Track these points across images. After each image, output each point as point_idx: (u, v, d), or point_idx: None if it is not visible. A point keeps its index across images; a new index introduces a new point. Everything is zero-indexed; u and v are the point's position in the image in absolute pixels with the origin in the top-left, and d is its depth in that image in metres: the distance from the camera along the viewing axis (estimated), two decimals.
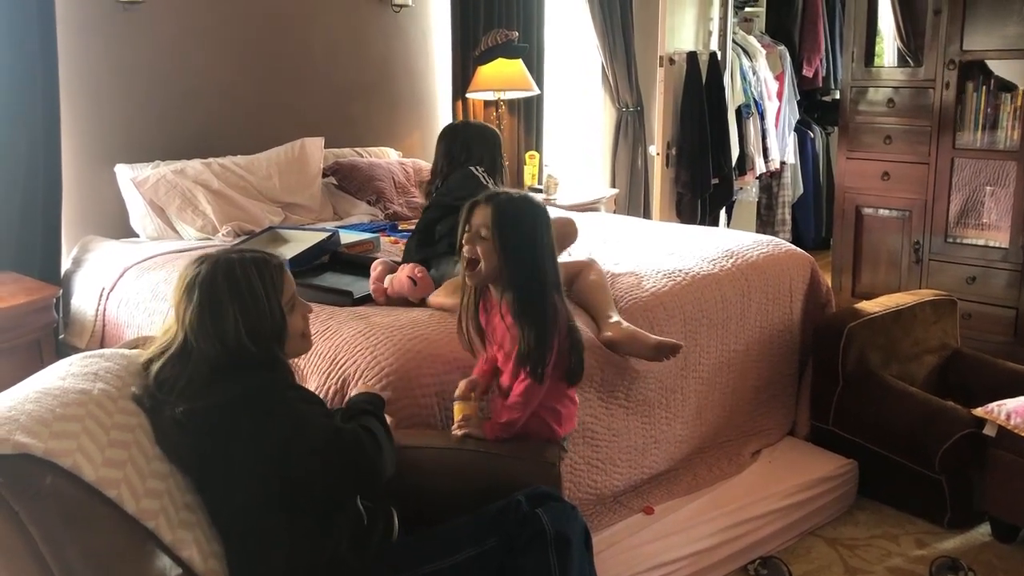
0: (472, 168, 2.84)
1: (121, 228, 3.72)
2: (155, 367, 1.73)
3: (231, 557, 1.71)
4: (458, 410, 2.09)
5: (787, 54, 5.96)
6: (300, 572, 1.68)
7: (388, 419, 1.90)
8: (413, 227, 3.06)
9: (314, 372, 2.32)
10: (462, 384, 2.11)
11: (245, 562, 1.70)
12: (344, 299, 2.70)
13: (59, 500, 1.48)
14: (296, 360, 2.30)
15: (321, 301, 2.67)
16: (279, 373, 1.77)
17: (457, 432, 2.06)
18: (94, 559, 1.49)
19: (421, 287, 2.63)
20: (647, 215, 5.33)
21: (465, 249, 2.05)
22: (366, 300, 2.70)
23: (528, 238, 2.02)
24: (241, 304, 1.69)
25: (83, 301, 3.32)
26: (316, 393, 2.18)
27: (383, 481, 1.76)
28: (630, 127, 5.37)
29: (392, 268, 2.75)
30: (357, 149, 4.44)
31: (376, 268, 2.74)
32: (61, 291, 3.29)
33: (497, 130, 3.18)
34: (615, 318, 2.60)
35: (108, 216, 3.74)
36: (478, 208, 2.05)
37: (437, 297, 2.61)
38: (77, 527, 1.49)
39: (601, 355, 2.55)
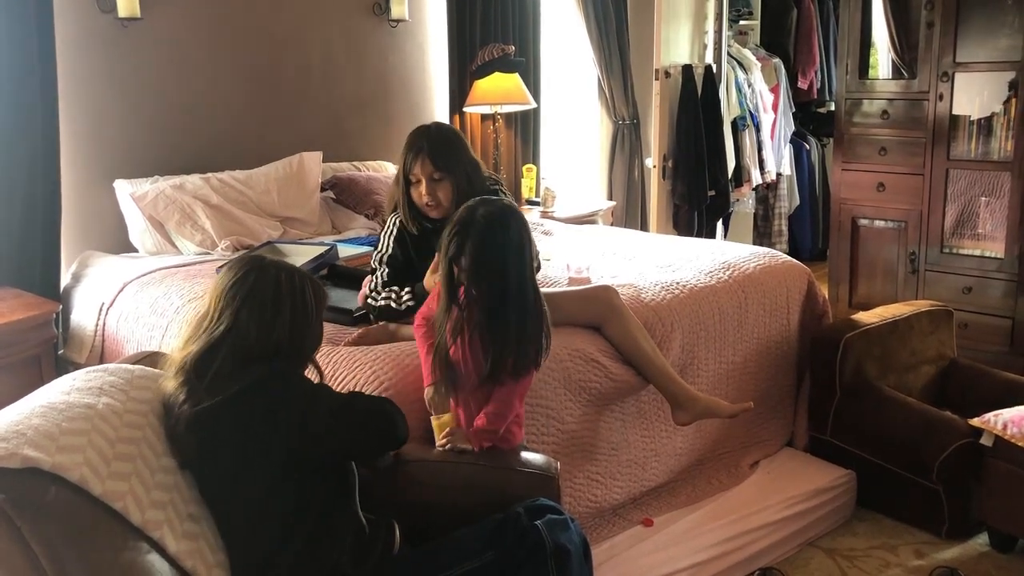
0: (492, 185, 2.70)
1: (120, 243, 3.73)
2: (192, 356, 1.74)
3: (235, 567, 1.72)
4: (439, 426, 2.11)
5: (782, 66, 5.99)
6: None
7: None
8: None
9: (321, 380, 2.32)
10: (428, 395, 2.14)
11: (248, 571, 1.72)
12: (343, 317, 2.71)
13: (62, 514, 1.49)
14: None
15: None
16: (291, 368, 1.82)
17: (443, 445, 2.07)
18: (97, 573, 1.50)
19: None
20: (644, 227, 5.34)
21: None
22: (364, 319, 2.71)
23: (502, 275, 2.06)
24: (293, 308, 1.77)
25: (82, 316, 3.32)
26: None
27: (403, 437, 1.83)
28: (626, 140, 5.40)
29: None
30: (355, 163, 4.45)
31: (367, 283, 2.75)
32: (61, 306, 3.29)
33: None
34: (690, 394, 2.56)
35: (107, 231, 3.75)
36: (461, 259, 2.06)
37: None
38: (80, 541, 1.50)
39: (599, 369, 2.56)
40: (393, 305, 2.54)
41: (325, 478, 1.77)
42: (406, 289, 2.55)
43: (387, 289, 2.57)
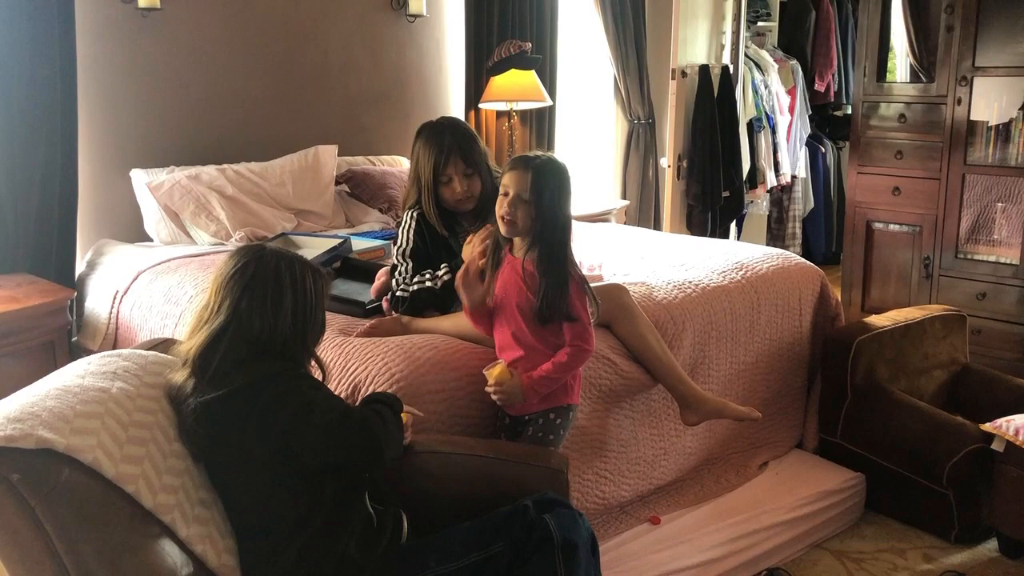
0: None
1: (135, 232, 3.76)
2: (195, 350, 1.74)
3: (244, 552, 1.73)
4: (490, 374, 2.15)
5: (799, 68, 5.98)
6: (310, 570, 1.71)
7: (405, 417, 1.94)
8: None
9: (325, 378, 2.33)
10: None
11: (257, 557, 1.73)
12: (355, 309, 2.72)
13: (74, 495, 1.50)
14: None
15: (332, 310, 2.70)
16: (295, 364, 1.81)
17: (491, 393, 2.15)
18: (107, 554, 1.51)
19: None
20: (658, 227, 5.35)
21: (504, 211, 2.16)
22: (377, 311, 2.72)
23: (561, 201, 2.19)
24: (295, 297, 1.77)
25: (97, 304, 3.35)
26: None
27: (385, 458, 1.80)
28: (641, 139, 5.40)
29: None
30: (370, 157, 4.47)
31: (380, 277, 2.76)
32: (75, 293, 3.32)
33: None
34: (699, 395, 2.57)
35: (123, 220, 3.78)
36: (517, 173, 2.15)
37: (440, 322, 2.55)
38: (91, 522, 1.51)
39: (609, 366, 2.57)
40: (428, 283, 2.55)
41: (334, 471, 1.78)
42: (443, 266, 2.56)
43: (418, 275, 2.58)
